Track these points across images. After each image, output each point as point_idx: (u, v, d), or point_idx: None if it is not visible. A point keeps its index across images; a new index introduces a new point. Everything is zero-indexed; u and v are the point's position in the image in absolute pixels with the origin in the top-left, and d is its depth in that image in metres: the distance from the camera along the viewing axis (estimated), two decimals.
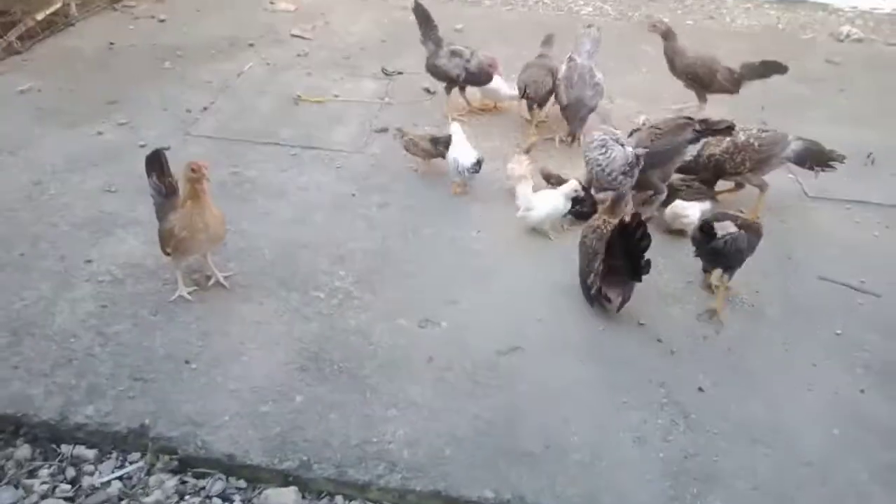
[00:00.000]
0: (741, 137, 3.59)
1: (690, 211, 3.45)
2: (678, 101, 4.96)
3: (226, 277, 3.03)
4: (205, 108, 4.46)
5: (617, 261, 2.89)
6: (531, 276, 3.22)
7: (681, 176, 3.77)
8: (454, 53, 4.34)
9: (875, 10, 7.29)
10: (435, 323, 2.90)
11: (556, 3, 7.10)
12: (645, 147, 3.42)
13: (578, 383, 2.69)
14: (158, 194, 2.97)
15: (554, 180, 3.74)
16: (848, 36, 6.58)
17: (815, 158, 3.60)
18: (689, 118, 3.52)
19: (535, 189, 3.56)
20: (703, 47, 5.99)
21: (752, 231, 3.01)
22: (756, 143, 3.57)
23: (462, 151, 3.72)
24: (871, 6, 7.31)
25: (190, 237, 2.78)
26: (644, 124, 3.85)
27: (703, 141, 3.50)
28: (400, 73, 5.15)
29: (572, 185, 3.50)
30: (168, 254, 2.88)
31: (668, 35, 4.60)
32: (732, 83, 4.50)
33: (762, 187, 3.70)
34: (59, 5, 5.41)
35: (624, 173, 3.39)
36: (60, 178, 3.65)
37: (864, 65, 5.92)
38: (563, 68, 4.25)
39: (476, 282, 3.16)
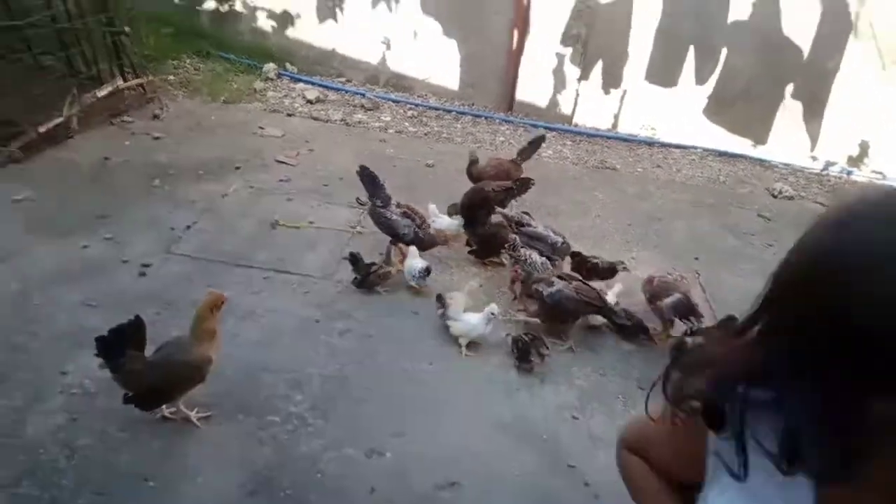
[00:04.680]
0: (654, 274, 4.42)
1: None
2: (623, 245, 5.52)
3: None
4: (188, 228, 4.83)
5: None
6: (474, 411, 3.52)
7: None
8: (406, 215, 4.64)
9: (806, 169, 8.17)
10: (381, 454, 3.15)
11: (521, 142, 7.79)
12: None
13: None
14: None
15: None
16: (780, 192, 7.32)
17: (682, 312, 4.12)
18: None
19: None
20: (648, 193, 6.75)
21: None
22: (655, 281, 4.28)
23: (414, 261, 4.44)
24: (802, 165, 8.19)
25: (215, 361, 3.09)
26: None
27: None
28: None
29: (490, 309, 3.95)
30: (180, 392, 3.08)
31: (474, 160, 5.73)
32: (518, 168, 5.70)
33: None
34: (61, 119, 5.85)
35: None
36: (45, 289, 3.92)
37: (792, 222, 6.60)
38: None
39: (423, 413, 3.45)
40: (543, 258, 4.34)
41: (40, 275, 4.05)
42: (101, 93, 6.37)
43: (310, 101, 7.98)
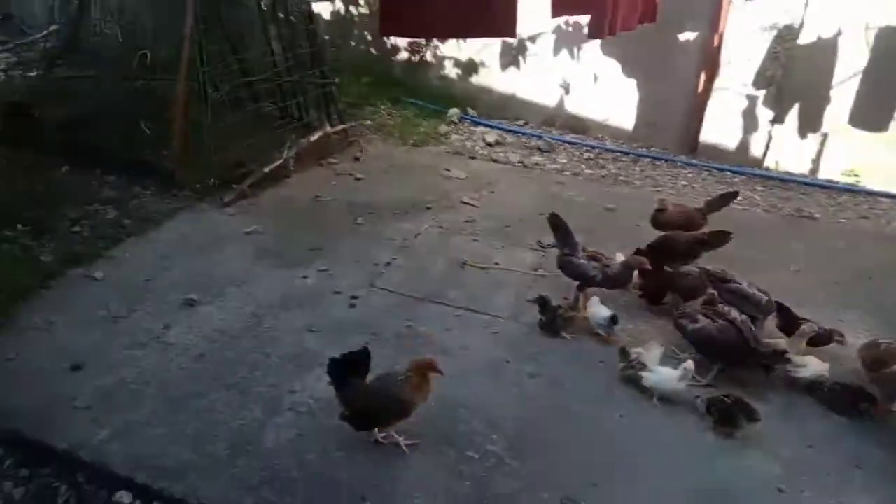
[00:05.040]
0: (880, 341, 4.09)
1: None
2: (828, 305, 5.08)
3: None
4: (388, 264, 5.25)
5: None
6: (671, 473, 3.43)
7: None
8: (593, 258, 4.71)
9: None
10: (575, 503, 3.19)
11: (704, 188, 7.53)
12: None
13: None
14: None
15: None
16: None
17: None
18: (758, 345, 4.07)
19: None
20: (855, 246, 6.17)
21: None
22: (882, 346, 4.00)
23: (600, 309, 4.50)
24: None
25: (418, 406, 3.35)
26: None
27: None
28: (554, 247, 5.72)
29: (686, 366, 3.89)
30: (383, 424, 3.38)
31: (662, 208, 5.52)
32: (704, 218, 5.47)
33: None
34: (280, 161, 6.66)
35: None
36: (274, 314, 4.47)
37: None
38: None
39: (616, 467, 3.43)
40: (744, 317, 4.15)
41: (269, 300, 4.62)
42: (313, 137, 7.15)
43: (489, 144, 8.33)
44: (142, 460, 3.32)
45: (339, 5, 9.37)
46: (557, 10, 4.42)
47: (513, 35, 3.80)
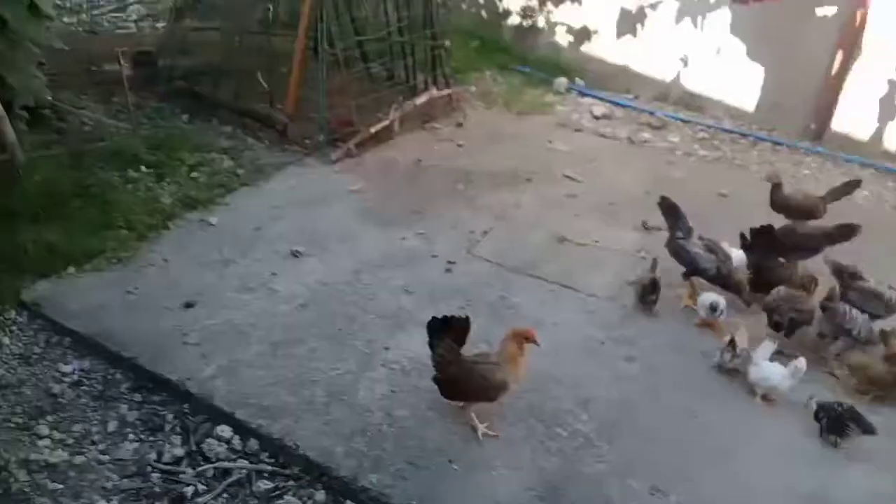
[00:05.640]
0: None
1: None
2: None
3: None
4: (485, 233, 5.23)
5: None
6: (770, 476, 3.28)
7: None
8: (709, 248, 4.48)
9: None
10: (665, 494, 3.12)
11: (828, 178, 6.96)
12: None
13: None
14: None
15: None
16: None
17: None
18: None
19: None
20: None
21: None
22: None
23: (708, 294, 4.31)
24: None
25: (512, 389, 3.30)
26: None
27: None
28: (660, 229, 5.49)
29: (797, 364, 3.66)
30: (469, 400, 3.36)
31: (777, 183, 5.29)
32: (825, 207, 5.21)
33: None
34: (387, 122, 6.73)
35: None
36: (372, 272, 4.58)
37: None
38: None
39: (711, 463, 3.31)
40: (865, 315, 3.84)
41: (369, 258, 4.74)
42: (419, 100, 7.17)
43: (596, 117, 8.04)
44: (243, 398, 3.52)
45: None
46: None
47: None
